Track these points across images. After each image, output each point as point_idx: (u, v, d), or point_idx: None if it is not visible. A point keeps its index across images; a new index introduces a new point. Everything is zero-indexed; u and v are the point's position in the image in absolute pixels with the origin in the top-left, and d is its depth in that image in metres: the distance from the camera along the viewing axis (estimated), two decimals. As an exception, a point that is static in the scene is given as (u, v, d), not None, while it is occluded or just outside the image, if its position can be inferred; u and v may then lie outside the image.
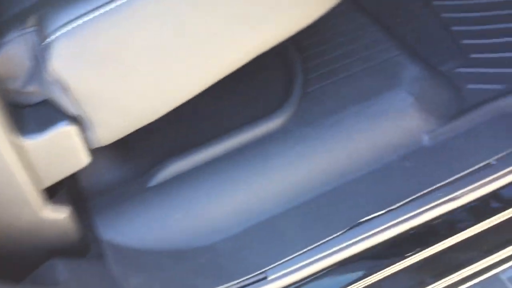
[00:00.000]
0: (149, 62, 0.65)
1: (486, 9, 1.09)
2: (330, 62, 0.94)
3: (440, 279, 0.84)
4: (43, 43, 0.64)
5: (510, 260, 0.91)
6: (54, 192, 0.78)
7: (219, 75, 0.73)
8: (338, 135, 0.84)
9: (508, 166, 0.87)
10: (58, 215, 0.73)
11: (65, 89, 0.66)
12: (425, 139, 0.88)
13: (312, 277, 0.75)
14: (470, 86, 0.97)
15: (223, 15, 0.66)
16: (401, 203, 0.80)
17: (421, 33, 1.08)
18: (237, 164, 0.82)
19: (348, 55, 0.95)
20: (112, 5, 0.63)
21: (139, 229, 0.80)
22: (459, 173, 0.85)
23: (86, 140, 0.70)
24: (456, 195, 0.83)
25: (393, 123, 0.87)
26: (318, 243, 0.74)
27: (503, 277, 0.95)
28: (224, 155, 0.83)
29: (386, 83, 0.90)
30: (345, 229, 0.76)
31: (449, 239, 0.85)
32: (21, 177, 0.67)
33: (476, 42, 1.04)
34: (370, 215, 0.78)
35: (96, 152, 0.74)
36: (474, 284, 0.87)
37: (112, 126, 0.69)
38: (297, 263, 0.74)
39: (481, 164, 0.86)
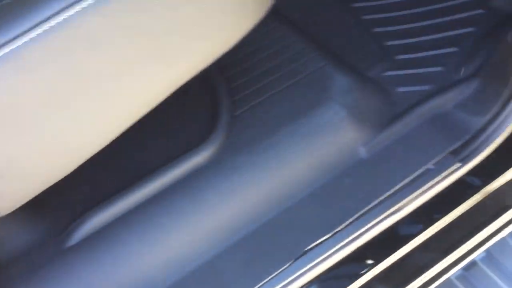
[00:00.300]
0: (47, 115, 0.56)
1: (404, 7, 1.09)
2: (255, 81, 0.89)
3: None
4: None
5: (461, 262, 0.91)
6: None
7: (135, 117, 0.66)
8: (272, 159, 0.79)
9: (445, 169, 0.86)
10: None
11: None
12: (362, 152, 0.85)
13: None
14: (400, 89, 0.95)
15: (130, 54, 0.59)
16: (345, 223, 0.77)
17: (345, 38, 1.06)
18: (166, 206, 0.75)
19: (273, 71, 0.91)
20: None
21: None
22: (399, 183, 0.82)
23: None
24: (399, 206, 0.81)
25: (328, 140, 0.83)
26: (262, 282, 0.69)
27: (452, 277, 0.95)
28: (150, 199, 0.76)
29: (316, 98, 0.86)
30: (291, 261, 0.72)
31: (400, 250, 0.83)
32: None
33: (399, 43, 1.03)
34: (315, 241, 0.74)
35: (5, 216, 0.65)
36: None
37: (11, 195, 0.60)
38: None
39: (420, 171, 0.84)
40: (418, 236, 0.86)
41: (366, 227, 0.76)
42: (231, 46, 0.70)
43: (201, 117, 0.85)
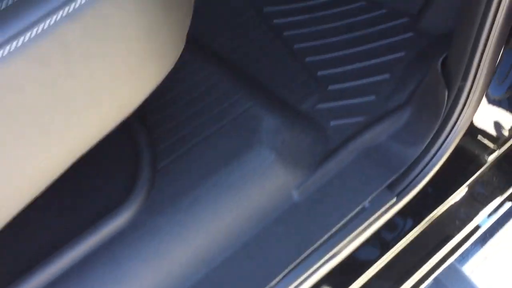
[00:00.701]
0: None
1: (334, 34, 1.06)
2: (179, 128, 0.84)
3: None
4: None
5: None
6: None
7: (41, 186, 0.60)
8: (198, 215, 0.74)
9: (382, 205, 0.83)
10: None
11: None
12: (295, 195, 0.81)
13: None
14: (333, 122, 0.92)
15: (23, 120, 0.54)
16: (280, 276, 0.73)
17: (276, 70, 1.02)
18: (84, 278, 0.69)
19: (199, 114, 0.86)
20: None
21: None
22: (334, 226, 0.79)
23: None
24: (335, 252, 0.78)
25: (259, 186, 0.79)
26: None
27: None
28: (67, 270, 0.70)
29: (244, 143, 0.82)
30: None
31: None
32: None
33: (331, 72, 1.00)
34: (248, 300, 0.70)
35: None
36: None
37: None
38: None
39: (356, 210, 0.81)
40: (360, 277, 0.83)
41: (300, 279, 0.72)
42: (151, 91, 0.65)
43: (120, 174, 0.79)
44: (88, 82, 0.55)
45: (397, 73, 0.96)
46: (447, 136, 0.83)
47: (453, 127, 0.83)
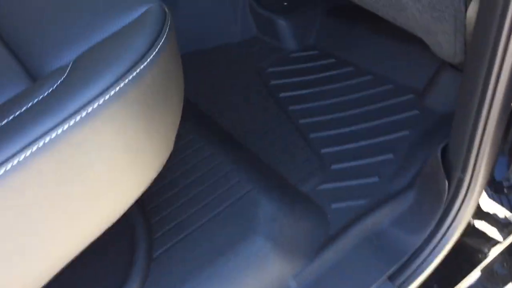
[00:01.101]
0: None
1: (339, 109, 1.06)
2: (177, 213, 0.85)
3: None
4: None
5: None
6: None
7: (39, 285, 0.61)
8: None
9: (382, 297, 0.81)
10: None
11: None
12: (293, 285, 0.80)
13: None
14: (334, 205, 0.90)
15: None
16: None
17: (279, 146, 1.02)
18: None
19: (197, 200, 0.86)
20: None
21: None
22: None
23: None
24: None
25: (255, 276, 0.78)
26: None
27: None
28: None
29: (240, 232, 0.81)
30: None
31: None
32: None
33: (335, 150, 0.99)
34: None
35: None
36: None
37: None
38: None
39: (354, 303, 0.79)
40: None
41: None
42: (137, 197, 0.65)
43: (116, 261, 0.80)
44: (65, 202, 0.55)
45: (401, 153, 0.95)
46: (449, 226, 0.80)
47: (455, 216, 0.80)
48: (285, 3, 1.24)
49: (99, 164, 0.53)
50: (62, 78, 0.54)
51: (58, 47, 0.59)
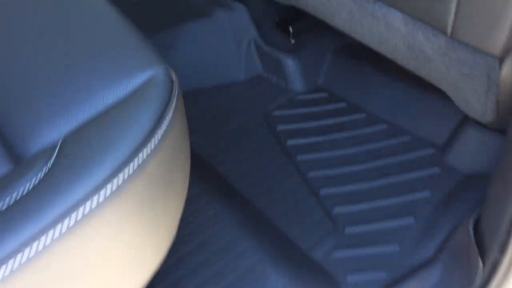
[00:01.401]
0: None
1: (352, 161, 0.97)
2: (182, 283, 0.75)
3: None
4: None
5: None
6: None
7: None
8: None
9: None
10: None
11: None
12: None
13: None
14: (350, 278, 0.81)
15: None
16: None
17: (288, 204, 0.93)
18: None
19: (202, 267, 0.77)
20: None
21: None
22: None
23: None
24: None
25: None
26: None
27: None
28: None
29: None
30: None
31: None
32: None
33: (349, 210, 0.90)
34: None
35: None
36: None
37: None
38: None
39: None
40: None
41: None
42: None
43: None
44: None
45: (423, 217, 0.86)
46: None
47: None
48: (292, 41, 1.16)
49: (90, 275, 0.44)
50: (46, 169, 0.44)
51: (45, 123, 0.50)
